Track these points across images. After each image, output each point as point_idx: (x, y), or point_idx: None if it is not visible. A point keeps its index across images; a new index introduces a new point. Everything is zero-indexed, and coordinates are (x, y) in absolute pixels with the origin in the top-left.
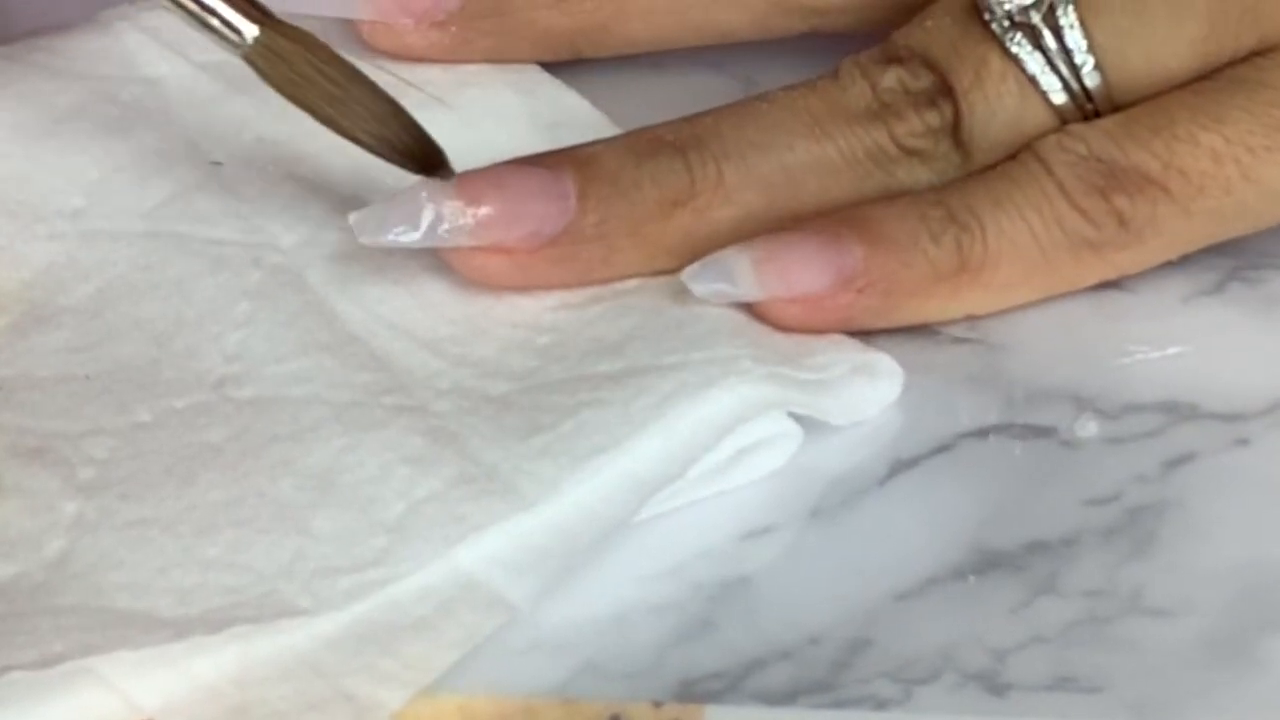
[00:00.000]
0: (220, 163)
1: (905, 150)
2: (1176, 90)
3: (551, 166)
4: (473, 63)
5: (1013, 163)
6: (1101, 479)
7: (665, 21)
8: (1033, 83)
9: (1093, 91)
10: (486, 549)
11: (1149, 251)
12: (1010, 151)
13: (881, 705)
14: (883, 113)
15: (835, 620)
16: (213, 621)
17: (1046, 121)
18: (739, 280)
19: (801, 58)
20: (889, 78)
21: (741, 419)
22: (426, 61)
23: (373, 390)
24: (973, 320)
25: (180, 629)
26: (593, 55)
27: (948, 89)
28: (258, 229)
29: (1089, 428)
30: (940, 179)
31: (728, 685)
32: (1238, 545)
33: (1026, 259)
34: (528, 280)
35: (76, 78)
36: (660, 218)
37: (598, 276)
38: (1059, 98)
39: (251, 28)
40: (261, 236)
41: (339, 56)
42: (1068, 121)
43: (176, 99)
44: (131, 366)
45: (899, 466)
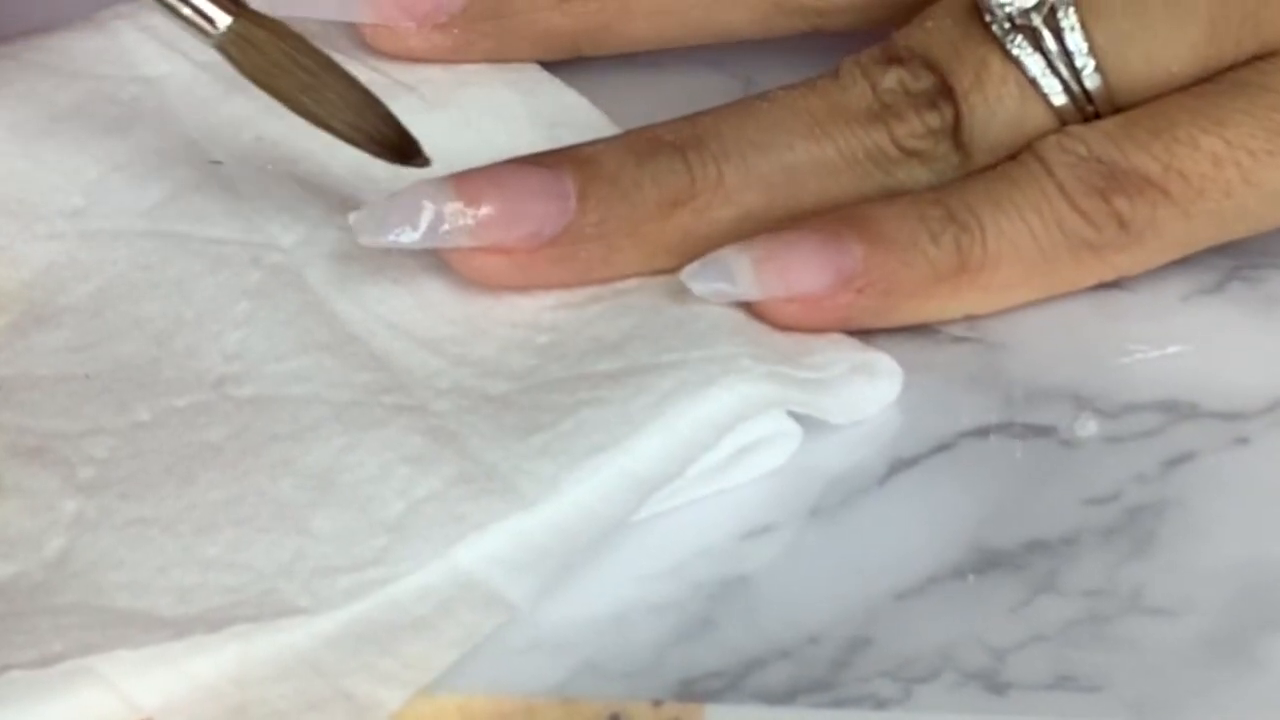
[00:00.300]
0: (220, 162)
1: (905, 151)
2: (1177, 93)
3: (551, 166)
4: (473, 63)
5: (1013, 163)
6: (1101, 478)
7: (667, 21)
8: (1033, 85)
9: (1093, 94)
10: (486, 548)
11: (1148, 253)
12: (1010, 152)
13: (881, 704)
14: (883, 113)
15: (835, 619)
16: (212, 621)
17: (1047, 123)
18: (738, 279)
19: (802, 57)
20: (889, 78)
21: (741, 418)
22: (427, 63)
23: (372, 389)
24: (972, 320)
25: (180, 628)
26: (594, 54)
27: (948, 90)
28: (257, 228)
29: (1089, 427)
30: (940, 180)
31: (727, 684)
32: (1237, 544)
33: (1026, 260)
34: (527, 280)
35: (75, 77)
36: (660, 217)
37: (597, 276)
38: (1059, 100)
39: (224, 16)
40: (261, 236)
41: (313, 46)
42: (1068, 123)
43: (176, 98)
44: (131, 366)
45: (899, 465)
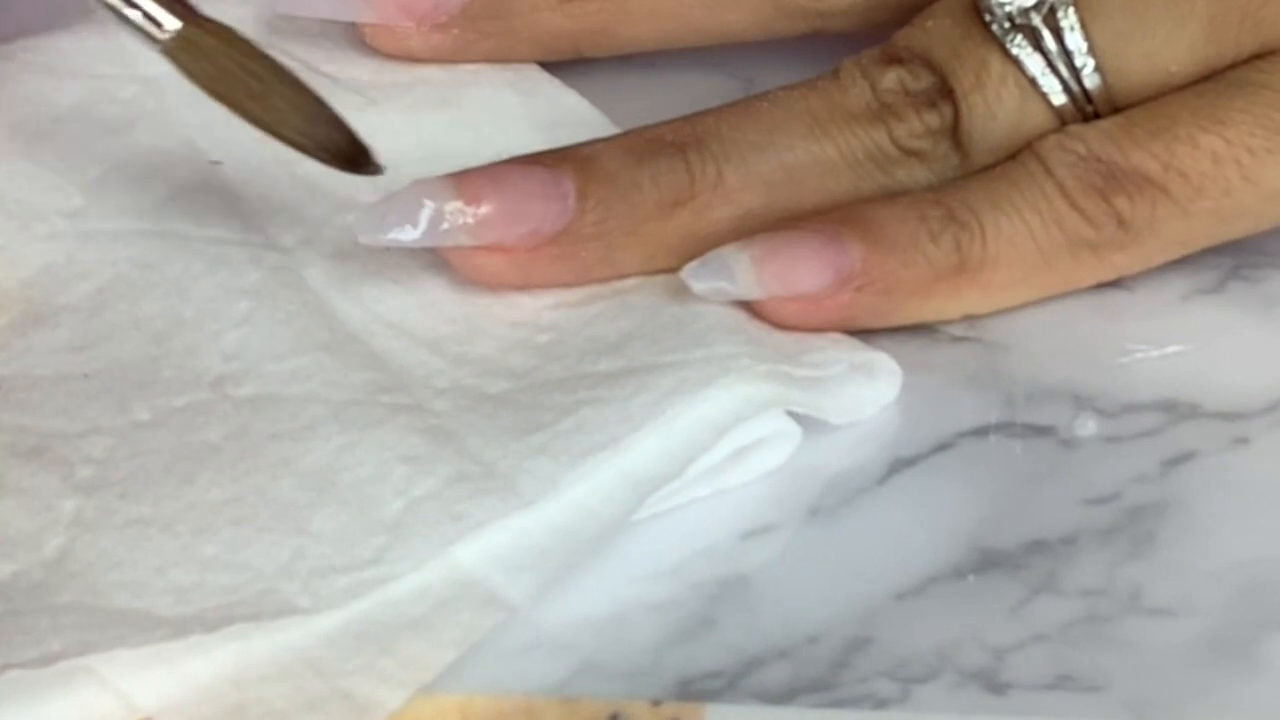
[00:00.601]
0: (219, 162)
1: (905, 151)
2: (1177, 92)
3: (551, 166)
4: (473, 63)
5: (1013, 163)
6: (1101, 478)
7: (667, 23)
8: (1033, 84)
9: (1093, 93)
10: (485, 547)
11: (1148, 252)
12: (1010, 152)
13: (881, 704)
14: (883, 113)
15: (834, 619)
16: (211, 620)
17: (1046, 123)
18: (738, 278)
19: (802, 58)
20: (889, 78)
21: (740, 418)
22: (427, 64)
23: (371, 389)
24: (972, 320)
25: (179, 628)
26: (594, 55)
27: (948, 90)
28: (256, 228)
29: (1088, 426)
30: (939, 179)
31: (727, 684)
32: (1237, 545)
33: (1025, 259)
34: (527, 279)
35: (75, 77)
36: (660, 217)
37: (597, 276)
38: (1059, 99)
39: (172, 21)
40: (260, 235)
41: (263, 53)
42: (1067, 123)
43: (175, 98)
44: (130, 365)
45: (898, 465)
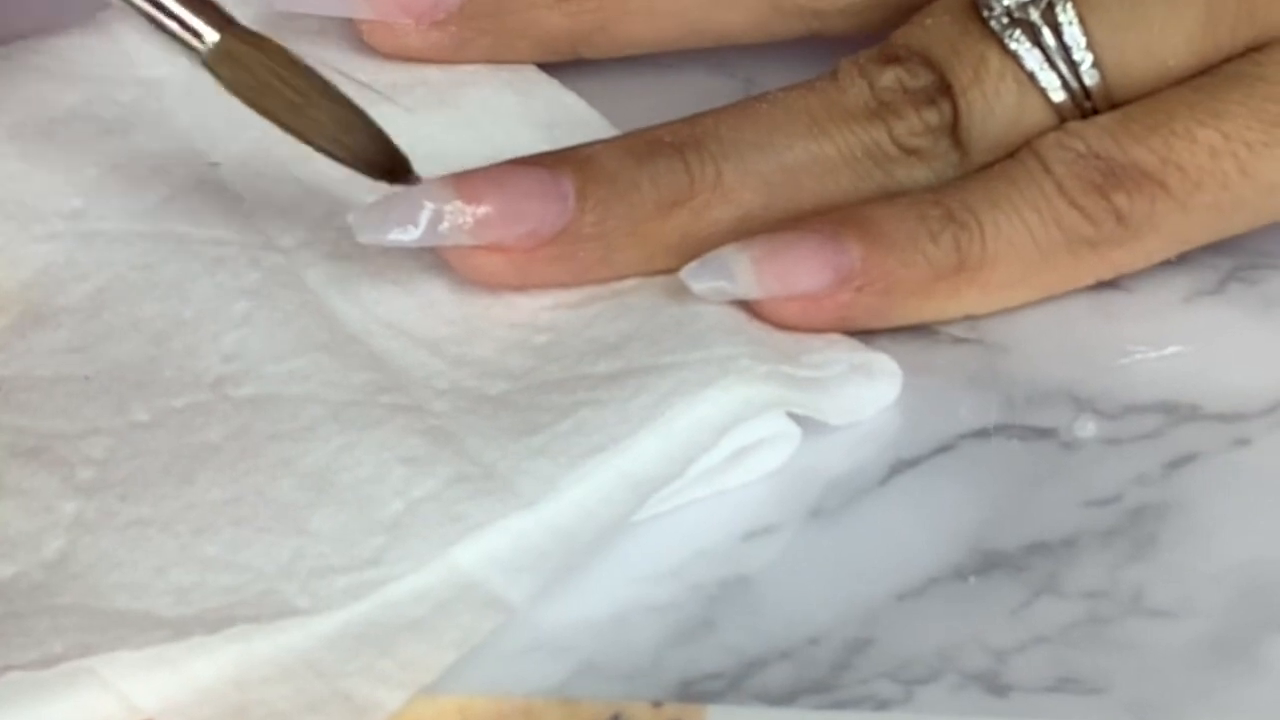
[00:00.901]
0: (218, 163)
1: (904, 149)
2: (1174, 86)
3: (550, 166)
4: (471, 63)
5: (1011, 161)
6: (1102, 479)
7: (665, 23)
8: (1031, 79)
9: (1091, 88)
10: (484, 549)
11: (1147, 249)
12: (1009, 149)
13: (882, 705)
14: (881, 111)
15: (835, 620)
16: (211, 621)
17: (1045, 119)
18: (738, 278)
19: (802, 58)
20: (887, 77)
21: (739, 419)
22: (425, 62)
23: (370, 390)
24: (972, 320)
25: (179, 629)
26: (592, 57)
27: (946, 87)
28: (256, 229)
29: (1087, 428)
30: (939, 178)
31: (728, 685)
32: (1238, 546)
33: (1025, 258)
34: (526, 279)
35: (75, 79)
36: (659, 217)
37: (596, 276)
38: (1057, 95)
39: (212, 33)
40: (260, 236)
41: (302, 63)
42: (1066, 119)
43: (174, 100)
44: (130, 366)
45: (899, 466)
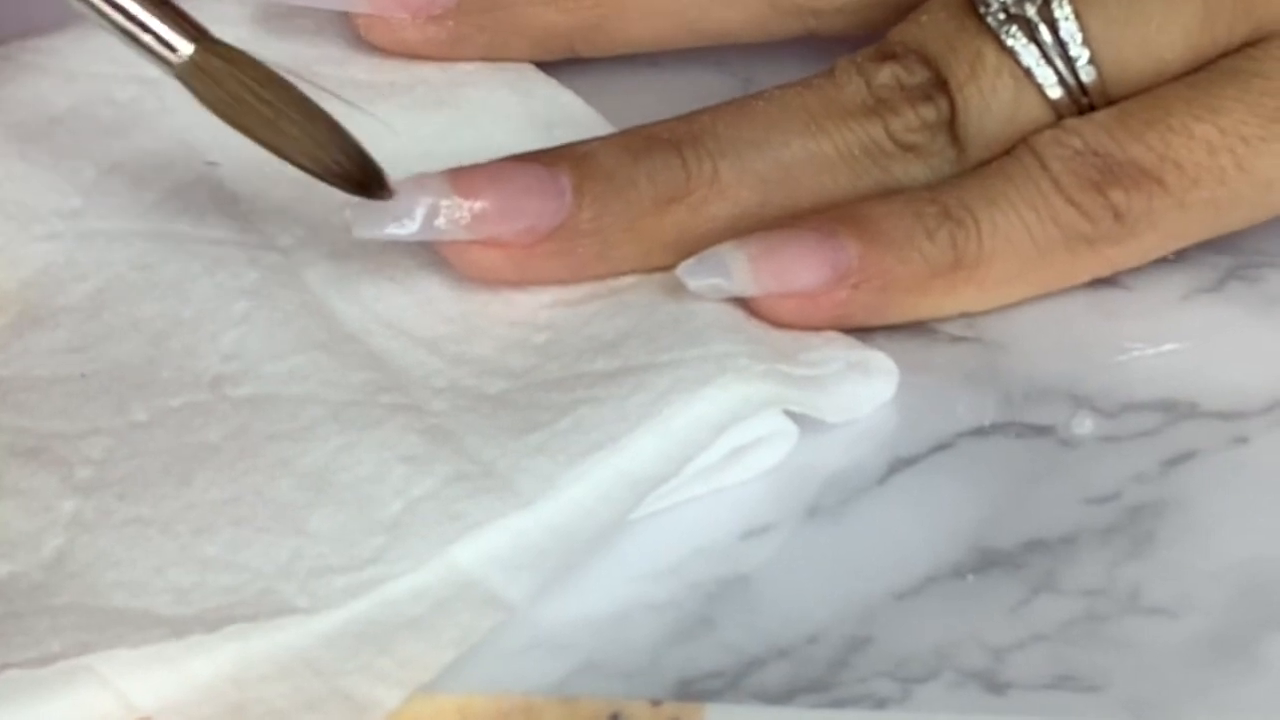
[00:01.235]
0: (216, 163)
1: (901, 145)
2: (1171, 82)
3: (548, 163)
4: (469, 61)
5: (1008, 158)
6: (1100, 477)
7: (662, 22)
8: (1028, 75)
9: (1088, 84)
10: (483, 547)
11: (1145, 246)
12: (1005, 146)
13: (880, 704)
14: (878, 108)
15: (834, 619)
16: (210, 620)
17: (1042, 115)
18: (734, 275)
19: (800, 57)
20: (884, 74)
21: (737, 417)
22: (422, 58)
23: (370, 389)
24: (970, 318)
25: (178, 628)
26: (589, 55)
27: (943, 83)
28: (254, 228)
29: (1085, 425)
30: (936, 174)
31: (726, 684)
32: (1237, 544)
33: (1021, 255)
34: (523, 275)
35: (73, 78)
36: (656, 214)
37: (594, 272)
38: (1054, 91)
39: (186, 45)
40: (258, 236)
41: (277, 77)
42: (1063, 115)
43: (173, 99)
44: (129, 366)
45: (897, 465)
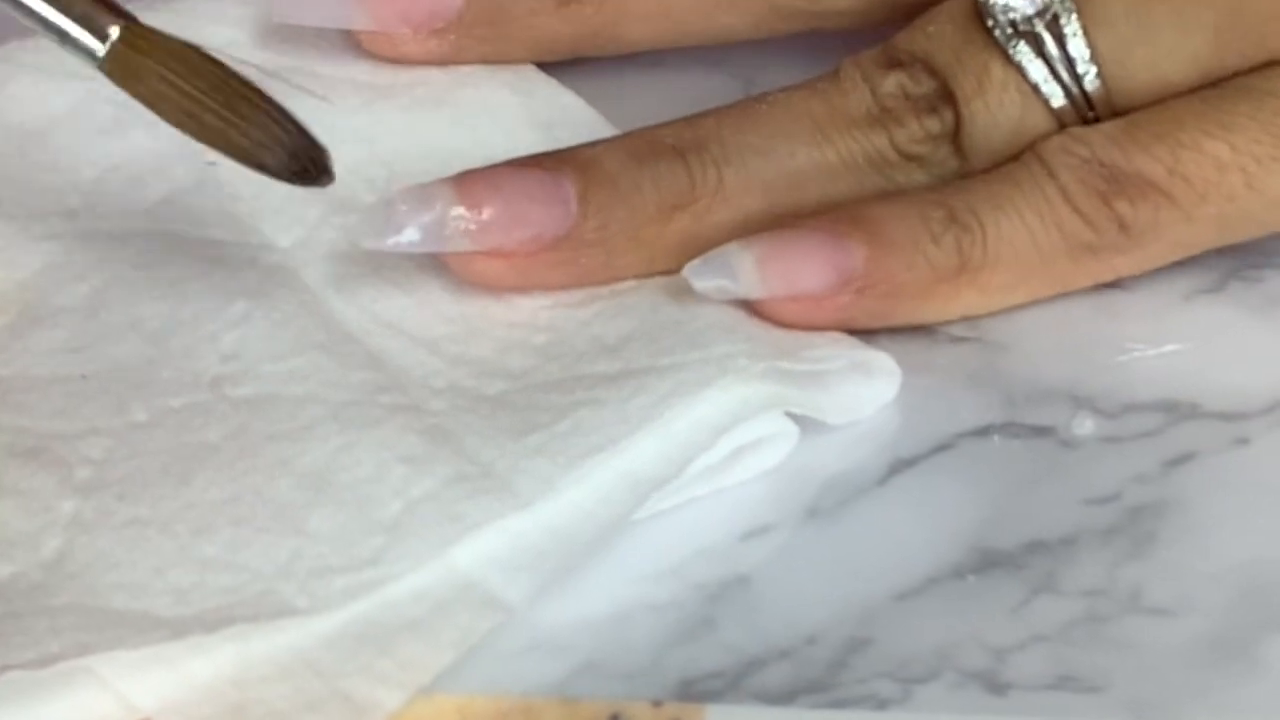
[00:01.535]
0: (215, 163)
1: (905, 156)
2: (1182, 96)
3: (551, 169)
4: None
5: (1015, 164)
6: (1101, 478)
7: (663, 25)
8: (1035, 91)
9: (1094, 101)
10: (483, 548)
11: (1148, 256)
12: (1009, 158)
13: (881, 705)
14: (883, 118)
15: (834, 619)
16: (210, 621)
17: (1047, 130)
18: (740, 276)
19: (802, 57)
20: (890, 82)
21: (738, 418)
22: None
23: (369, 389)
24: (972, 320)
25: (177, 628)
26: (591, 56)
27: (949, 95)
28: (254, 229)
29: (1086, 426)
30: (938, 181)
31: (727, 684)
32: (1238, 545)
33: (1024, 262)
34: (527, 283)
35: (72, 78)
36: (660, 221)
37: (597, 279)
38: (1059, 102)
39: (98, 46)
40: (258, 236)
41: (207, 66)
42: (1067, 124)
43: None
44: (128, 366)
45: (898, 466)
